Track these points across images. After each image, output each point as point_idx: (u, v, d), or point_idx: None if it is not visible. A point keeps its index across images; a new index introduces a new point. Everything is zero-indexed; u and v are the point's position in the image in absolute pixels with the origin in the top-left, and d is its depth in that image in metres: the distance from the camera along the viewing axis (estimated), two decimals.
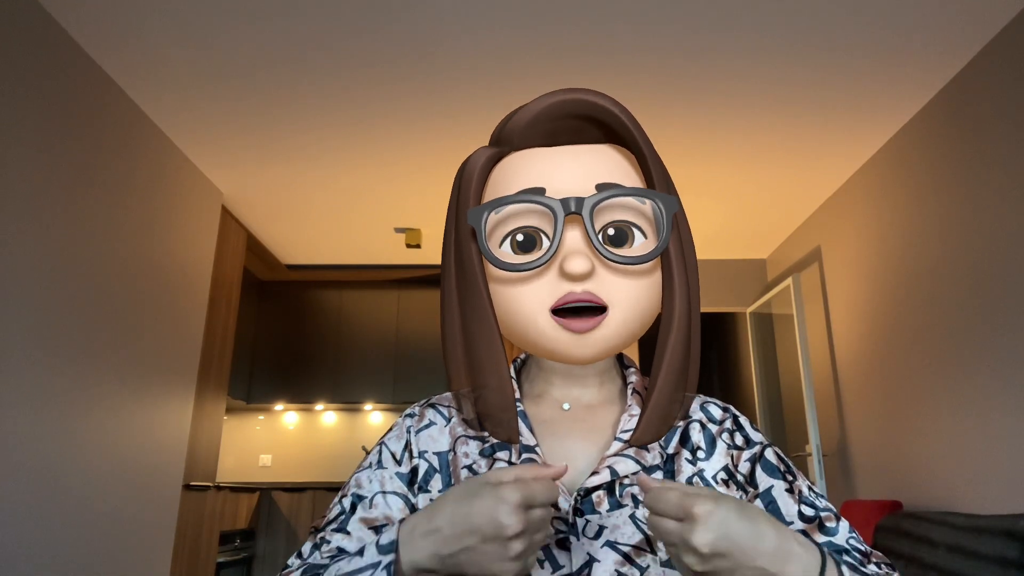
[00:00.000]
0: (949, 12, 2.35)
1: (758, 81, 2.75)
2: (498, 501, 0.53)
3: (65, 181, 2.45)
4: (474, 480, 0.56)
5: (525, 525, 0.53)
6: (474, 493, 0.55)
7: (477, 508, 0.53)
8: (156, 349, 3.06)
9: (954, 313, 2.74)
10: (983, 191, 2.57)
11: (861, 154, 3.36)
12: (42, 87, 2.33)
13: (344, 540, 0.66)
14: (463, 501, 0.55)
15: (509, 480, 0.54)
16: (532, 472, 0.55)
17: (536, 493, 0.54)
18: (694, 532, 0.51)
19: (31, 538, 2.27)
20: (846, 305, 3.66)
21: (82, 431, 2.55)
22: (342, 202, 3.91)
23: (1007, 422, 2.43)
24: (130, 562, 2.82)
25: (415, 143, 3.25)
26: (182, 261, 3.29)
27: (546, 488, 0.55)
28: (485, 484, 0.55)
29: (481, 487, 0.55)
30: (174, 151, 3.22)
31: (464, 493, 0.56)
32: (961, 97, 2.69)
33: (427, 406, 0.76)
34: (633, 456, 0.67)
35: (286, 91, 2.82)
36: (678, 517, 0.53)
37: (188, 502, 3.32)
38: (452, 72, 2.71)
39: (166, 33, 2.45)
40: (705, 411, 0.75)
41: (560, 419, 0.72)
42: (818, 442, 3.64)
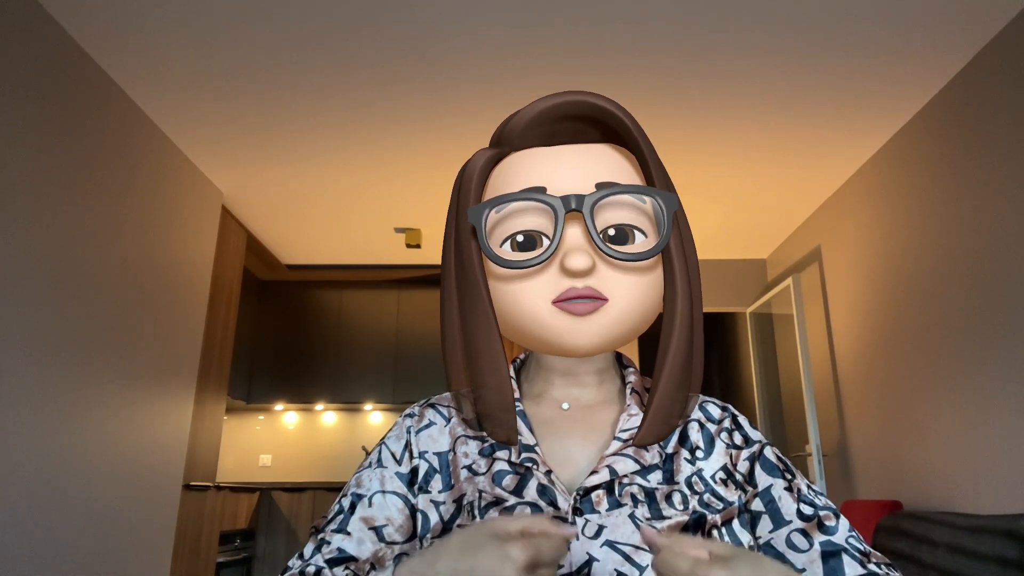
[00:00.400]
0: (949, 12, 2.35)
1: (758, 81, 2.75)
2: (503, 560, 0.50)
3: (65, 181, 2.45)
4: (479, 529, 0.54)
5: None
6: (479, 546, 0.52)
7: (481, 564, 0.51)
8: (156, 349, 3.06)
9: (954, 313, 2.74)
10: (983, 191, 2.57)
11: (861, 154, 3.36)
12: (42, 87, 2.33)
13: (344, 541, 0.67)
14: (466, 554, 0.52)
15: (515, 533, 0.52)
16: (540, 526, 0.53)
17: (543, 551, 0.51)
18: None
19: (31, 538, 2.27)
20: (846, 305, 3.66)
21: (82, 431, 2.55)
22: (342, 202, 3.91)
23: (1007, 422, 2.43)
24: (130, 562, 2.82)
25: (415, 143, 3.25)
26: (182, 261, 3.29)
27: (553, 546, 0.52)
28: (491, 537, 0.52)
29: (487, 540, 0.52)
30: (174, 151, 3.22)
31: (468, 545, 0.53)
32: (961, 97, 2.69)
33: (427, 406, 0.76)
34: (632, 455, 0.67)
35: (286, 91, 2.82)
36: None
37: (188, 502, 3.32)
38: (452, 72, 2.71)
39: (166, 33, 2.45)
40: (704, 410, 0.75)
41: (559, 419, 0.73)
42: (818, 442, 3.64)
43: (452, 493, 0.68)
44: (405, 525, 0.68)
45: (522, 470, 0.67)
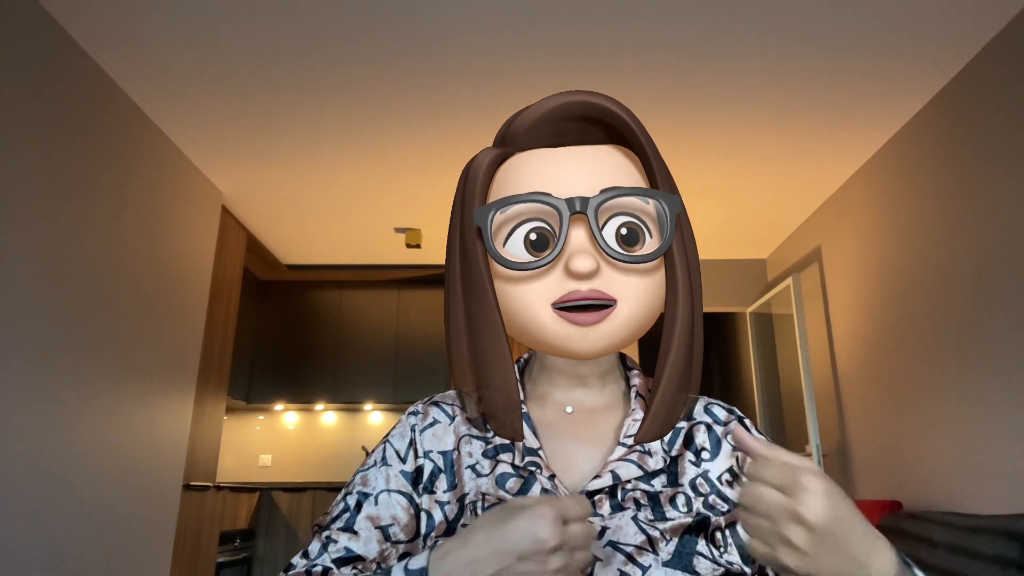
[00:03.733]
0: (949, 12, 2.35)
1: (758, 81, 2.76)
2: (534, 517, 0.52)
3: (64, 181, 2.45)
4: (503, 505, 0.56)
5: (563, 538, 0.52)
6: (508, 515, 0.54)
7: (513, 526, 0.53)
8: (156, 349, 3.06)
9: (954, 313, 2.74)
10: (983, 191, 2.57)
11: (861, 154, 3.36)
12: (42, 87, 2.33)
13: (351, 540, 0.67)
14: (497, 524, 0.54)
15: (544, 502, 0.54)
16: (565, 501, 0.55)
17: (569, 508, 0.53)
18: (806, 504, 0.48)
19: (31, 538, 2.27)
20: (846, 305, 3.66)
21: (82, 431, 2.55)
22: (342, 202, 3.91)
23: (1007, 422, 2.43)
24: (130, 562, 2.82)
25: (415, 143, 3.25)
26: (182, 261, 3.29)
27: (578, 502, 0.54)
28: (517, 507, 0.54)
29: (513, 509, 0.54)
30: (174, 151, 3.22)
31: (496, 518, 0.55)
32: (961, 97, 2.69)
33: (431, 404, 0.76)
34: (636, 461, 0.68)
35: (286, 91, 2.82)
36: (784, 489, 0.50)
37: (188, 502, 3.32)
38: (452, 72, 2.71)
39: (166, 33, 2.45)
40: (710, 413, 0.75)
41: (563, 422, 0.73)
42: (818, 442, 3.64)
43: (456, 493, 0.69)
44: (410, 524, 0.68)
45: (525, 473, 0.67)
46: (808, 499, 0.49)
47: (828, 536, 0.49)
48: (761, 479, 0.51)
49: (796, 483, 0.50)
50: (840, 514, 0.49)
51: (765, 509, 0.51)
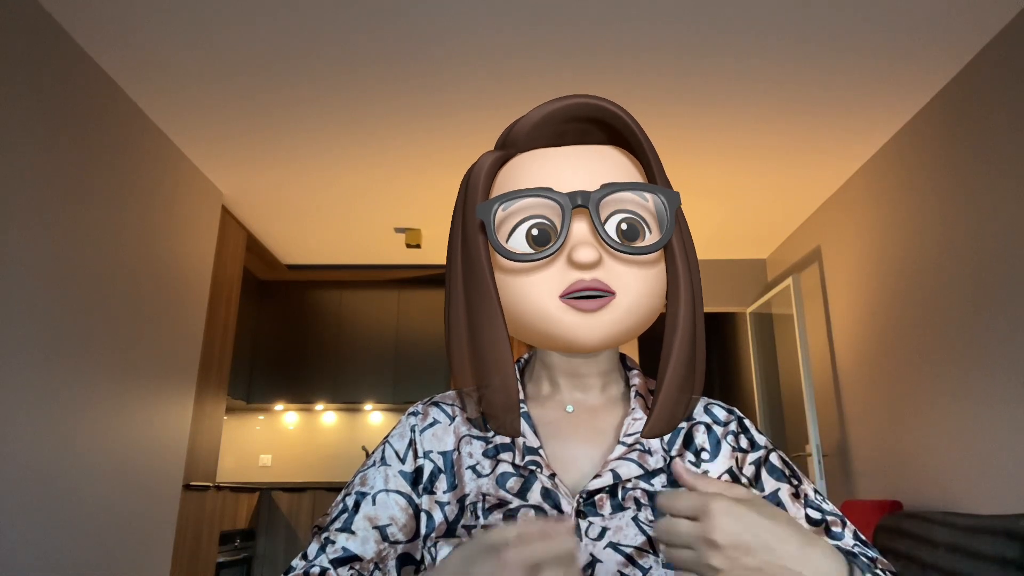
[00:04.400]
0: (949, 12, 2.35)
1: (758, 81, 2.76)
2: (499, 567, 0.48)
3: (65, 181, 2.45)
4: (475, 543, 0.53)
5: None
6: (474, 560, 0.51)
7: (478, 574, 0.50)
8: (156, 349, 3.06)
9: (954, 313, 2.74)
10: (984, 191, 2.57)
11: (861, 154, 3.36)
12: (42, 87, 2.33)
13: (349, 540, 0.67)
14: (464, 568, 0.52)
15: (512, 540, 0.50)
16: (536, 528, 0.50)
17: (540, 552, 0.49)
18: (712, 527, 0.50)
19: (31, 538, 2.27)
20: (846, 305, 3.66)
21: (82, 431, 2.55)
22: (342, 202, 3.91)
23: (1007, 422, 2.43)
24: (130, 562, 2.82)
25: (415, 143, 3.25)
26: (182, 261, 3.29)
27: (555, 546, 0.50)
28: (488, 548, 0.51)
29: (481, 553, 0.51)
30: (174, 151, 3.22)
31: (464, 561, 0.52)
32: (961, 97, 2.69)
33: (431, 404, 0.76)
34: (636, 460, 0.68)
35: (286, 91, 2.82)
36: (693, 517, 0.51)
37: (188, 502, 3.32)
38: (452, 72, 2.71)
39: (166, 33, 2.45)
40: (710, 413, 0.75)
41: (563, 421, 0.73)
42: (818, 442, 3.64)
43: (456, 493, 0.69)
44: (408, 524, 0.69)
45: (526, 472, 0.68)
46: (714, 521, 0.50)
47: (741, 550, 0.50)
48: (673, 511, 0.53)
49: (704, 508, 0.51)
50: (753, 527, 0.50)
51: (681, 539, 0.52)
